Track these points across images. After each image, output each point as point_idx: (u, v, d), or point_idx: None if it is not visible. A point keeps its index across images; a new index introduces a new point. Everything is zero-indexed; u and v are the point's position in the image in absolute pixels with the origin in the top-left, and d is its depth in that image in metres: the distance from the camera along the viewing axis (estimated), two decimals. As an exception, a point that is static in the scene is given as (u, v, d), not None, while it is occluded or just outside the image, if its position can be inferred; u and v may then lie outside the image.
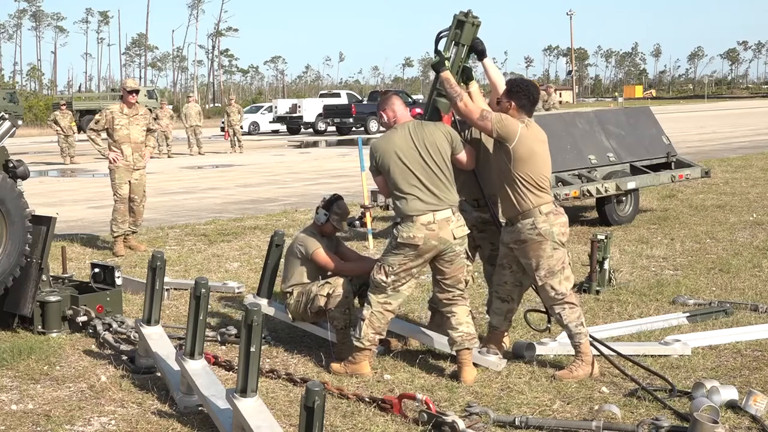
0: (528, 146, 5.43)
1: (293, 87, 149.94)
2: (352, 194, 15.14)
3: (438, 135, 5.51)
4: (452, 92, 5.56)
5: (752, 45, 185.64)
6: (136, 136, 10.42)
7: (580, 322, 5.49)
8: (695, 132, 33.64)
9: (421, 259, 5.48)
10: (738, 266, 8.63)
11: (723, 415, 4.66)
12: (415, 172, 5.42)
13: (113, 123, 10.34)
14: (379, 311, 5.54)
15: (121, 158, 10.34)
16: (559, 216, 5.52)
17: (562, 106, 42.77)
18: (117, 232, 10.39)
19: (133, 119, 10.43)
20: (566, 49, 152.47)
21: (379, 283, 5.54)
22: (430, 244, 5.40)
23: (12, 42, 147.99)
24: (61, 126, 27.60)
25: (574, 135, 11.25)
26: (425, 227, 5.38)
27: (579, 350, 5.48)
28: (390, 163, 5.48)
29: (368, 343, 5.56)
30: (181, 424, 4.84)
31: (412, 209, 5.41)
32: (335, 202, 6.21)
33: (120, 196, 10.41)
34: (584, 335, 5.49)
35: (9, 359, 5.99)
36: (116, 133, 10.35)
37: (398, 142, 5.49)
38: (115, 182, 10.43)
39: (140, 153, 10.45)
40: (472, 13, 5.74)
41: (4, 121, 7.05)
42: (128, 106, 10.42)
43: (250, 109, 50.10)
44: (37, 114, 60.65)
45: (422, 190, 5.41)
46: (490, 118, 5.43)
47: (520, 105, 5.52)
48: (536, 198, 5.44)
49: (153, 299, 5.79)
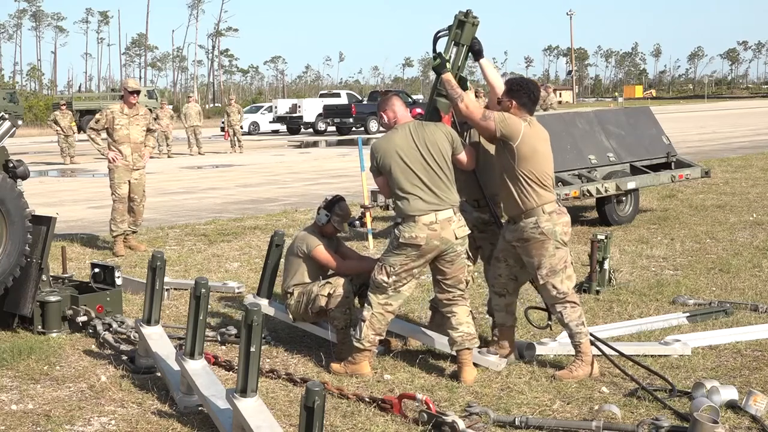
0: (531, 144, 5.44)
1: (293, 87, 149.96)
2: (352, 194, 15.13)
3: (439, 135, 5.51)
4: (453, 93, 5.56)
5: (752, 45, 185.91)
6: (136, 136, 10.43)
7: (581, 322, 5.49)
8: (695, 132, 33.64)
9: (422, 260, 5.47)
10: (738, 266, 8.63)
11: (723, 415, 4.66)
12: (417, 172, 5.42)
13: (113, 123, 10.35)
14: (380, 312, 5.54)
15: (120, 158, 10.35)
16: (562, 215, 5.53)
17: (561, 106, 42.84)
18: (116, 231, 10.39)
19: (134, 119, 10.44)
20: (566, 49, 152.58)
21: (380, 283, 5.54)
22: (432, 244, 5.40)
23: (12, 42, 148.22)
24: (61, 126, 27.60)
25: (574, 135, 11.25)
26: (427, 227, 5.38)
27: (579, 350, 5.48)
28: (391, 163, 5.47)
29: (368, 344, 5.56)
30: (181, 424, 4.84)
31: (414, 209, 5.40)
32: (337, 203, 6.21)
33: (119, 195, 10.41)
34: (585, 335, 5.49)
35: (9, 359, 5.99)
36: (116, 133, 10.35)
37: (399, 142, 5.48)
38: (114, 182, 10.43)
39: (140, 153, 10.46)
40: (472, 13, 5.75)
41: (4, 121, 7.05)
42: (129, 107, 10.43)
43: (250, 109, 50.09)
44: (37, 114, 60.64)
45: (424, 190, 5.41)
46: (492, 118, 5.44)
47: (521, 103, 5.53)
48: (539, 197, 5.45)
49: (153, 299, 5.79)
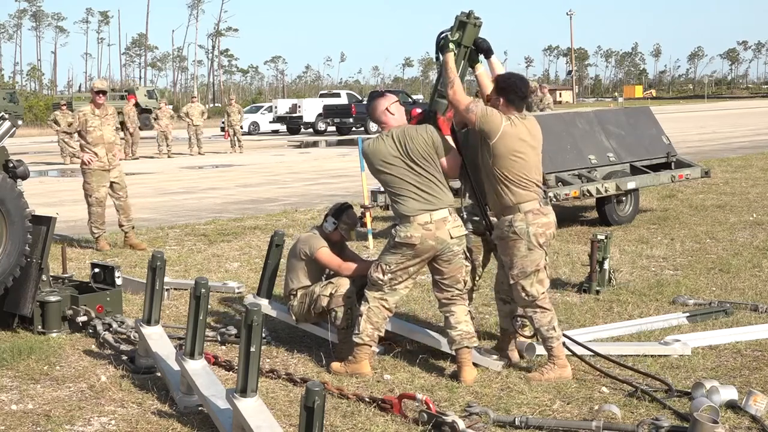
0: (508, 145, 5.36)
1: (293, 87, 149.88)
2: (352, 194, 15.15)
3: (419, 141, 5.46)
4: (447, 76, 5.56)
5: (752, 45, 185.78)
6: (109, 136, 10.54)
7: (552, 326, 5.44)
8: (695, 132, 33.64)
9: (418, 259, 5.48)
10: (738, 266, 8.63)
11: (723, 415, 4.66)
12: (405, 179, 5.44)
13: (86, 125, 10.42)
14: (377, 306, 5.56)
15: (96, 159, 10.38)
16: (540, 216, 5.42)
17: (562, 106, 42.92)
18: (98, 233, 10.57)
19: (105, 120, 10.53)
20: (566, 49, 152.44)
21: (375, 281, 5.57)
22: (428, 244, 5.41)
23: (12, 42, 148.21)
24: (61, 126, 27.58)
25: (574, 135, 11.25)
26: (422, 227, 5.40)
27: (551, 353, 5.46)
28: (379, 174, 5.54)
29: (367, 338, 5.56)
30: (181, 424, 4.84)
31: (409, 209, 5.42)
32: (345, 211, 6.17)
33: (96, 199, 10.50)
34: (556, 339, 5.46)
35: (9, 359, 5.99)
36: (89, 135, 10.42)
37: (383, 151, 5.48)
38: (92, 185, 10.50)
39: (113, 153, 10.58)
40: (474, 14, 5.71)
41: (4, 121, 7.05)
42: (97, 107, 10.48)
43: (250, 109, 50.10)
44: (37, 114, 60.62)
45: (417, 193, 5.43)
46: (475, 112, 5.40)
47: (508, 100, 5.46)
48: (516, 195, 5.38)
49: (153, 299, 5.79)
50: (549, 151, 10.76)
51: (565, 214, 12.37)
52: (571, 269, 8.70)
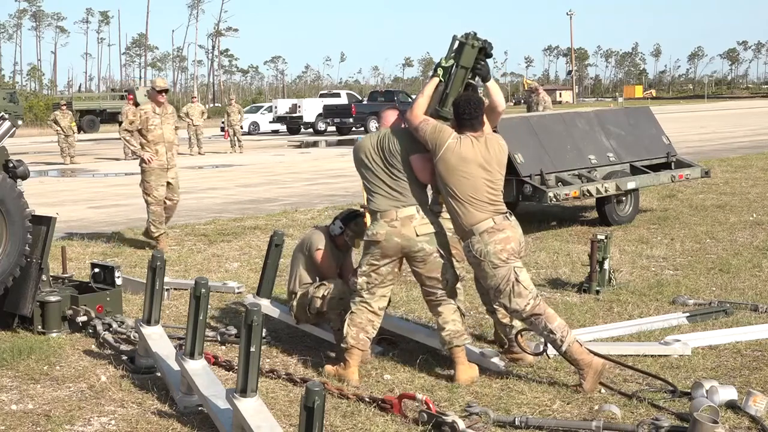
0: (450, 162, 5.34)
1: (293, 87, 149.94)
2: (351, 194, 15.17)
3: (393, 141, 5.56)
4: (418, 95, 5.64)
5: (752, 45, 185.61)
6: (169, 135, 10.45)
7: (549, 330, 5.34)
8: (695, 132, 33.62)
9: (387, 259, 5.50)
10: (738, 266, 8.63)
11: (723, 415, 4.66)
12: (378, 175, 5.54)
13: (147, 123, 10.33)
14: (358, 309, 5.58)
15: (155, 158, 10.34)
16: (496, 233, 5.30)
17: (562, 106, 42.96)
18: (157, 232, 10.47)
19: (165, 118, 10.45)
20: (566, 49, 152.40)
21: (354, 285, 5.66)
22: (393, 241, 5.43)
23: (12, 42, 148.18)
24: (61, 126, 27.60)
25: (574, 135, 11.26)
26: (387, 224, 5.45)
27: (568, 359, 5.41)
28: (359, 168, 5.66)
29: (352, 340, 5.52)
30: (181, 424, 4.84)
31: (378, 206, 5.51)
32: (355, 218, 6.20)
33: (156, 198, 10.40)
34: (560, 340, 5.38)
35: (9, 359, 5.99)
36: (150, 134, 10.33)
37: (367, 145, 5.63)
38: (151, 184, 10.41)
39: (172, 152, 10.51)
40: (474, 35, 5.59)
41: (4, 121, 7.04)
42: (158, 105, 10.42)
43: (250, 109, 50.06)
44: (37, 114, 60.61)
45: (386, 191, 5.51)
46: (425, 130, 5.43)
47: (457, 122, 5.47)
48: (468, 216, 5.34)
49: (153, 299, 5.79)
50: (549, 151, 10.84)
51: (565, 214, 12.38)
52: (571, 269, 8.70)
